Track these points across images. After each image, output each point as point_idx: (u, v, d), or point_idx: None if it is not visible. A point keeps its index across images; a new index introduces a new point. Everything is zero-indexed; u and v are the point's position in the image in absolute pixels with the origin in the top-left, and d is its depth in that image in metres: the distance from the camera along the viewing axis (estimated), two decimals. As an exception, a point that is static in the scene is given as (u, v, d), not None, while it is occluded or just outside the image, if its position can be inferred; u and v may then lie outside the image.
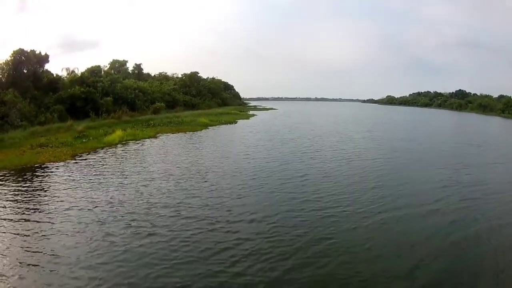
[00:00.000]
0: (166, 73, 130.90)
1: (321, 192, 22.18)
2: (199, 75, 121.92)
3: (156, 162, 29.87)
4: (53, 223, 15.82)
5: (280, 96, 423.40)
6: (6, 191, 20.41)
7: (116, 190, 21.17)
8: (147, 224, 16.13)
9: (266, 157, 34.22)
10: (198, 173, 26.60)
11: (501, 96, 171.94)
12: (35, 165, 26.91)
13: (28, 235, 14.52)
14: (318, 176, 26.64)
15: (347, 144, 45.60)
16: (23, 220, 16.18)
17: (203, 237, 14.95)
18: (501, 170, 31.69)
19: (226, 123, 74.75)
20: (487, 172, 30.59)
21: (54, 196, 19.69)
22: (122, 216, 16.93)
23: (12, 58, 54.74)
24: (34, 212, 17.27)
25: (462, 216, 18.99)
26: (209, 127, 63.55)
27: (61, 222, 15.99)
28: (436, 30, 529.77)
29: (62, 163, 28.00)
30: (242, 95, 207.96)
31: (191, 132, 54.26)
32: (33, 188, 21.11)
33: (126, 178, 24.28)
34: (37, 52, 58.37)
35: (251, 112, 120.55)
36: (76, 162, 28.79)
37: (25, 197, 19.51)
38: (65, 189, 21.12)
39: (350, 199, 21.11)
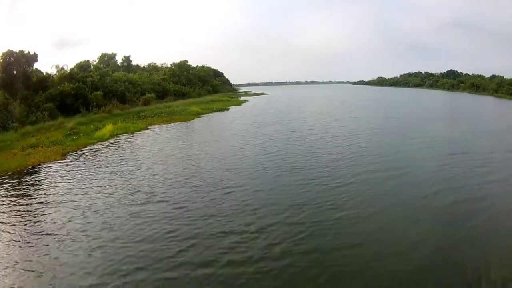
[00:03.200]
0: (155, 63, 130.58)
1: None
2: (188, 63, 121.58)
3: (147, 156, 30.24)
4: (43, 225, 16.37)
5: (270, 81, 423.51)
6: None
7: (104, 188, 21.49)
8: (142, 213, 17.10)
9: (263, 141, 36.15)
10: (190, 161, 27.72)
11: (493, 76, 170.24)
12: (26, 168, 26.82)
13: (19, 237, 14.99)
14: (310, 151, 31.17)
15: (332, 123, 50.19)
16: (13, 225, 16.61)
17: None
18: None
19: (218, 110, 75.04)
20: (458, 145, 33.80)
21: (42, 199, 20.03)
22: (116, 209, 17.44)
23: (1, 60, 54.44)
24: (22, 217, 17.63)
25: (421, 175, 23.67)
26: (201, 116, 63.85)
27: (50, 223, 16.50)
28: (428, 13, 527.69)
29: (52, 164, 27.95)
30: (232, 82, 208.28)
31: (183, 122, 54.59)
32: (22, 192, 21.35)
33: (115, 173, 24.75)
34: (26, 52, 58.06)
35: (242, 98, 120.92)
36: (66, 161, 28.82)
37: (14, 202, 19.84)
38: (53, 190, 21.45)
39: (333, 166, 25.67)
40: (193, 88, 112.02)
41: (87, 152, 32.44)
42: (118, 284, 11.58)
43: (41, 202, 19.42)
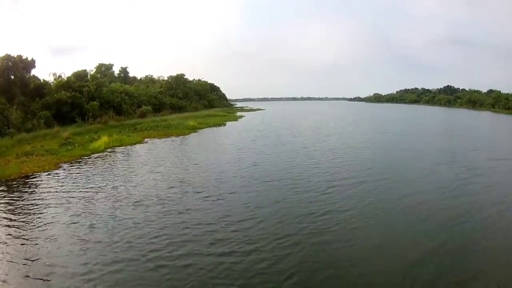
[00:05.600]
0: (152, 76, 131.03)
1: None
2: (185, 77, 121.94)
3: (141, 169, 30.03)
4: (35, 225, 16.88)
5: (266, 96, 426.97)
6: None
7: (96, 196, 21.80)
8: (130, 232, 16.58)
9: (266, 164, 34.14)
10: (185, 174, 28.05)
11: (490, 91, 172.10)
12: (19, 176, 26.54)
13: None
14: (311, 166, 31.31)
15: (324, 138, 51.30)
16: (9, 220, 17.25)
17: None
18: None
19: (214, 125, 74.80)
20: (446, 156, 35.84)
21: (34, 203, 20.35)
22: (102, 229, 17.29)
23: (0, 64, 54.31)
24: (17, 216, 18.10)
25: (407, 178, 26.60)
26: (198, 130, 63.55)
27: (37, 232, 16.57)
28: (424, 28, 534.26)
29: (45, 174, 27.70)
30: (229, 97, 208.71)
31: (179, 136, 54.22)
32: (16, 195, 21.54)
33: (106, 183, 24.81)
34: (24, 57, 58.03)
35: (238, 113, 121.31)
36: (59, 172, 28.46)
37: (8, 203, 20.30)
38: (45, 196, 21.73)
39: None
40: (189, 102, 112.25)
41: (81, 163, 32.18)
42: (105, 272, 12.70)
43: (33, 204, 20.05)
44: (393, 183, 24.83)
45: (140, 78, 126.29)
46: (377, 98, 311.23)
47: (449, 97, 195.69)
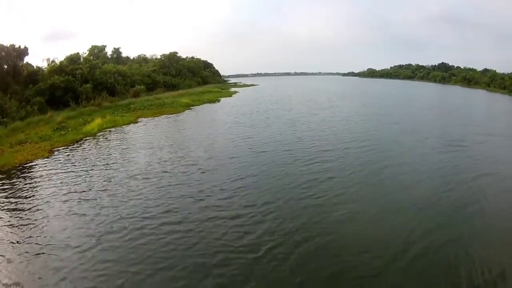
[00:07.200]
0: (145, 55, 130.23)
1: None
2: (178, 55, 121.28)
3: (135, 150, 30.66)
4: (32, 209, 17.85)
5: (259, 72, 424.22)
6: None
7: (88, 184, 22.01)
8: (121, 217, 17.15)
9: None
10: (176, 154, 28.84)
11: (485, 70, 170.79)
12: (13, 166, 26.45)
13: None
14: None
15: (316, 111, 52.73)
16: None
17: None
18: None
19: (209, 102, 75.33)
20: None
21: (26, 196, 20.35)
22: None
23: (-8, 55, 54.16)
24: (12, 204, 18.78)
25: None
26: (192, 108, 64.03)
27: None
28: (419, 6, 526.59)
29: (39, 161, 27.89)
30: (222, 73, 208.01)
31: (173, 114, 54.64)
32: (8, 190, 21.32)
33: (100, 168, 25.26)
34: (17, 46, 57.73)
35: (232, 89, 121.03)
36: (53, 158, 28.72)
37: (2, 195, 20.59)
38: (38, 187, 21.81)
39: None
40: (182, 80, 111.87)
41: (74, 147, 32.62)
42: (97, 244, 14.02)
43: (28, 190, 20.84)
44: (378, 154, 26.56)
45: (133, 58, 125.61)
46: (371, 73, 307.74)
47: (444, 74, 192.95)
